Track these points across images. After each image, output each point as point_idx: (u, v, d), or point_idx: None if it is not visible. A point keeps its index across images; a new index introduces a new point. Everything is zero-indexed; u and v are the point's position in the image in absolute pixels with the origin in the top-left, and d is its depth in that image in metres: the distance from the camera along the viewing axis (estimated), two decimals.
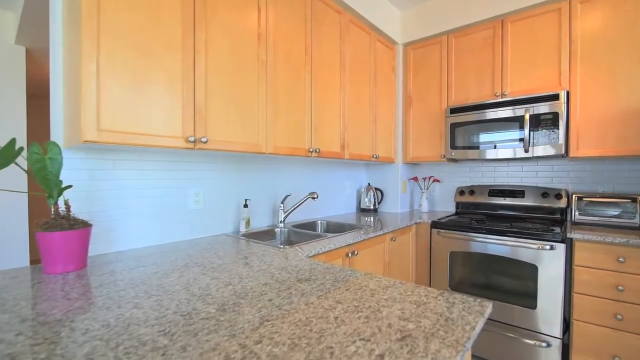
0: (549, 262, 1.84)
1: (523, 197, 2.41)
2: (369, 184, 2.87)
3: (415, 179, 2.90)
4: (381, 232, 1.93)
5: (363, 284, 0.97)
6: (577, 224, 2.09)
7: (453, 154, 2.47)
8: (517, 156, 2.18)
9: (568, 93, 2.07)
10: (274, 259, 1.26)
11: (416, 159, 2.76)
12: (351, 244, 1.70)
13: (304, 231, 1.91)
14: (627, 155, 1.91)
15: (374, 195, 2.83)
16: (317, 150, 1.96)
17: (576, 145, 2.06)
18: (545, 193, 2.33)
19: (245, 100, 1.57)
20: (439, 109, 2.62)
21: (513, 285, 1.97)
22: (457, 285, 2.18)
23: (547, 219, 2.30)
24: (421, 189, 2.90)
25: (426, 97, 2.71)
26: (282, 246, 1.48)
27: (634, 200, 1.93)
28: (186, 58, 1.33)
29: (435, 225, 2.28)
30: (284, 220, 2.05)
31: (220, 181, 1.84)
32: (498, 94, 2.33)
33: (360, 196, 2.92)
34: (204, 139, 1.36)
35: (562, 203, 2.25)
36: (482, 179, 2.73)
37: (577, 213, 2.09)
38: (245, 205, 1.88)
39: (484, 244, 2.06)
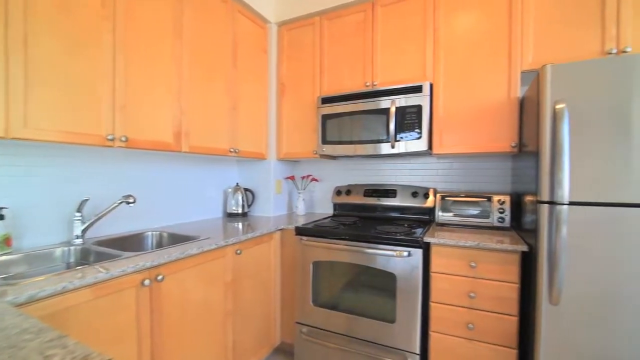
0: (406, 269, 1.64)
1: (395, 197, 2.25)
2: (237, 184, 2.44)
3: (292, 177, 2.57)
4: (214, 246, 1.51)
5: None
6: (441, 225, 1.97)
7: (324, 149, 2.19)
8: (384, 152, 1.98)
9: (432, 85, 1.94)
10: None
11: (290, 155, 2.43)
12: (152, 267, 1.23)
13: (106, 250, 1.38)
14: (490, 152, 1.82)
15: (243, 197, 2.41)
16: (125, 138, 1.44)
17: (439, 142, 1.93)
18: (415, 192, 2.19)
19: None
20: (312, 99, 2.33)
21: (374, 298, 1.74)
22: (321, 301, 1.89)
23: (416, 220, 2.17)
24: (298, 190, 2.58)
25: (300, 85, 2.39)
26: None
27: (489, 199, 1.87)
28: None
29: (298, 231, 1.96)
30: (82, 235, 1.48)
31: None
32: (369, 83, 2.12)
33: (227, 198, 2.47)
34: None
35: (430, 203, 2.13)
36: (360, 177, 2.53)
37: (440, 213, 1.98)
38: (0, 217, 1.27)
39: (347, 252, 1.80)
